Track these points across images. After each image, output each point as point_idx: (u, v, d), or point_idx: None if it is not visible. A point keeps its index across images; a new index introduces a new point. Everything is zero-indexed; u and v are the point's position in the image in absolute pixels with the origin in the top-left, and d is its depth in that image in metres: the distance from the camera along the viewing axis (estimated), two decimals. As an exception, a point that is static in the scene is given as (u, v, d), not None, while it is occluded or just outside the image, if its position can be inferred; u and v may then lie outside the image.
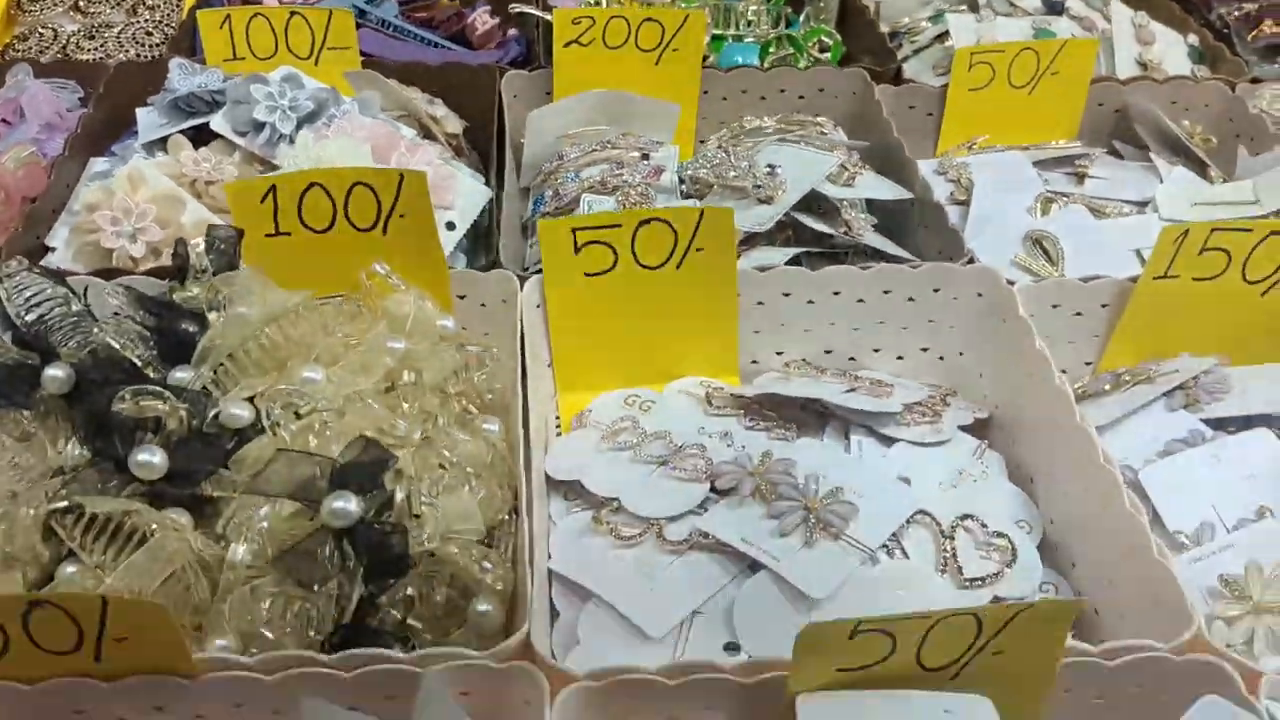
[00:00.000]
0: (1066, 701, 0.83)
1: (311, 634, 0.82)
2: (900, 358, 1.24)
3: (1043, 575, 1.00)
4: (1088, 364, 1.23)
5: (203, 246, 1.08)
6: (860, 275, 1.18)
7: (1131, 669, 0.81)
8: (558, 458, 1.10)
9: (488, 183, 1.40)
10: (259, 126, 1.32)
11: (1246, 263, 1.16)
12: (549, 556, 1.00)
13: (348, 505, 0.83)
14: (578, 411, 1.18)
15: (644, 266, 1.15)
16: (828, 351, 1.23)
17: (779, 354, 1.23)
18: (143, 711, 0.80)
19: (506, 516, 0.95)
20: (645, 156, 1.45)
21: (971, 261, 1.21)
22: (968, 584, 0.96)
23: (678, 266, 1.15)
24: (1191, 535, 0.99)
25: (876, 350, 1.23)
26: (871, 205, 1.42)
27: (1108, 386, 1.15)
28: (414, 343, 1.05)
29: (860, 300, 1.20)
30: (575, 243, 1.13)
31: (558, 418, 1.19)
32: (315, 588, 0.82)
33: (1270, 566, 0.94)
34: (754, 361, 1.23)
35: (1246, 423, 1.08)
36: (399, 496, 0.85)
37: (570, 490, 1.08)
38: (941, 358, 1.23)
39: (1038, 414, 1.08)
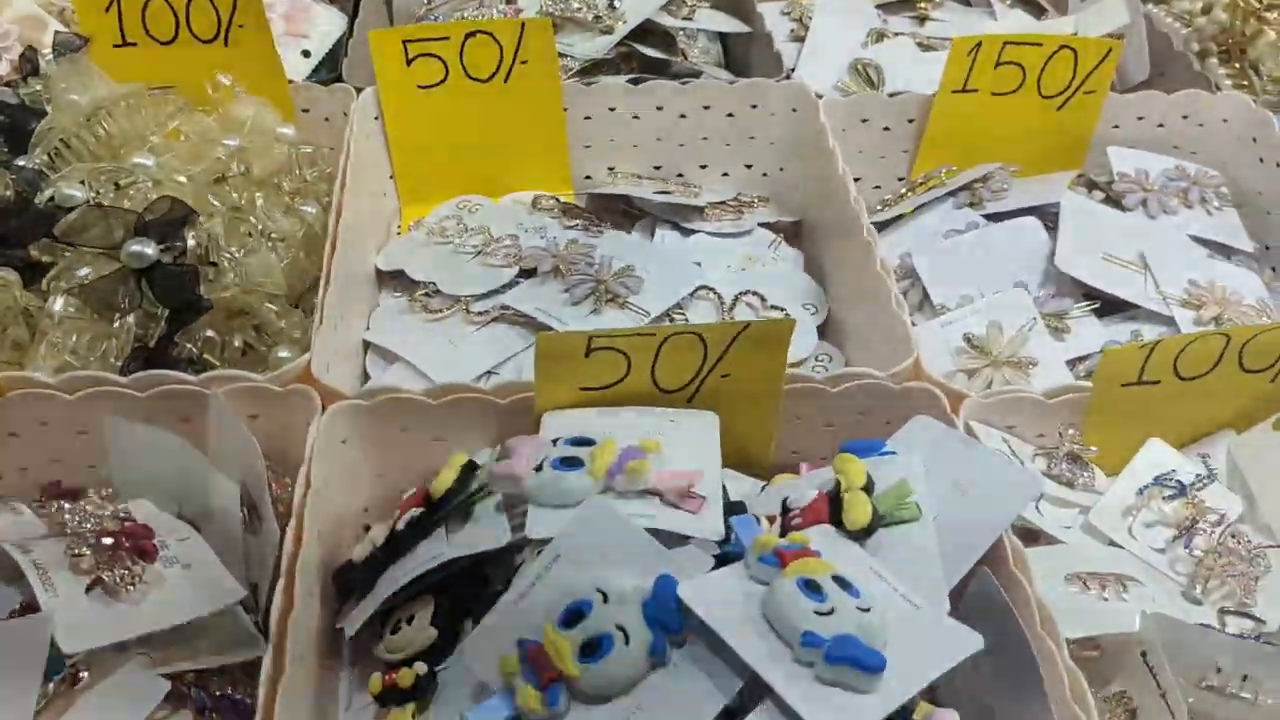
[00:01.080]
0: (799, 428, 0.92)
1: (113, 361, 0.90)
2: (726, 174, 1.31)
3: (821, 347, 1.09)
4: (901, 179, 1.31)
5: (51, 54, 1.16)
6: (680, 90, 1.25)
7: (853, 394, 0.90)
8: (388, 253, 1.18)
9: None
10: (125, -40, 1.38)
11: (1041, 77, 1.24)
12: (367, 329, 1.09)
13: (145, 249, 0.91)
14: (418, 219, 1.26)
15: (473, 79, 1.22)
16: (657, 167, 1.31)
17: (610, 169, 1.31)
18: (-42, 430, 0.89)
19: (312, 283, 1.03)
20: (510, 1, 1.51)
21: (787, 79, 1.28)
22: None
23: (505, 79, 1.22)
24: (953, 307, 1.08)
25: (703, 166, 1.31)
26: (726, 47, 1.49)
27: (905, 191, 1.23)
28: (250, 142, 1.13)
29: (683, 115, 1.27)
30: (406, 55, 1.20)
31: (399, 226, 1.27)
32: (116, 323, 0.91)
33: (1012, 327, 1.03)
34: (587, 177, 1.31)
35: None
36: (191, 243, 0.93)
37: (400, 283, 1.16)
38: (765, 174, 1.31)
39: (826, 207, 1.16)
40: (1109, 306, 1.08)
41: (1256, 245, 1.21)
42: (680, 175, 1.31)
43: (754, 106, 1.27)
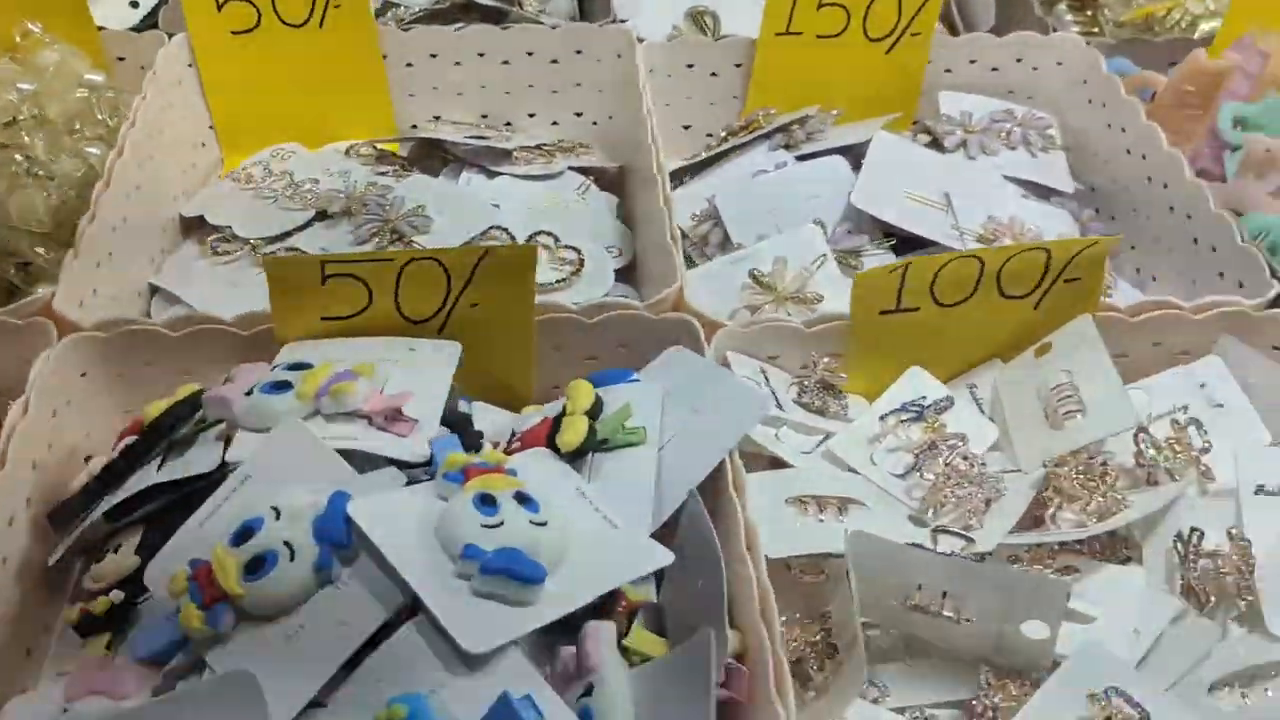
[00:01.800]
0: (559, 360, 0.90)
1: None
2: (555, 123, 1.29)
3: (619, 289, 1.07)
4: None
5: None
6: (501, 35, 1.23)
7: (611, 325, 0.88)
8: (194, 200, 1.16)
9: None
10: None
11: (866, 19, 1.22)
12: (158, 273, 1.07)
13: (-115, 181, 0.89)
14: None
15: (286, 24, 1.20)
16: (484, 116, 1.29)
17: (436, 117, 1.28)
18: None
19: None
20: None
21: (612, 24, 1.26)
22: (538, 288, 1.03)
23: (320, 24, 1.20)
24: (751, 246, 1.06)
25: (532, 115, 1.29)
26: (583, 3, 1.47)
27: (724, 134, 1.21)
28: (53, 87, 1.11)
29: (505, 62, 1.25)
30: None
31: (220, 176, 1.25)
32: None
33: (802, 264, 1.01)
34: (413, 126, 1.28)
35: (839, 156, 1.15)
36: (-66, 174, 0.91)
37: (206, 231, 1.14)
38: (595, 122, 1.29)
39: (635, 146, 1.14)
40: (909, 245, 1.06)
41: (1081, 186, 1.19)
42: (509, 124, 1.29)
43: (578, 52, 1.25)
